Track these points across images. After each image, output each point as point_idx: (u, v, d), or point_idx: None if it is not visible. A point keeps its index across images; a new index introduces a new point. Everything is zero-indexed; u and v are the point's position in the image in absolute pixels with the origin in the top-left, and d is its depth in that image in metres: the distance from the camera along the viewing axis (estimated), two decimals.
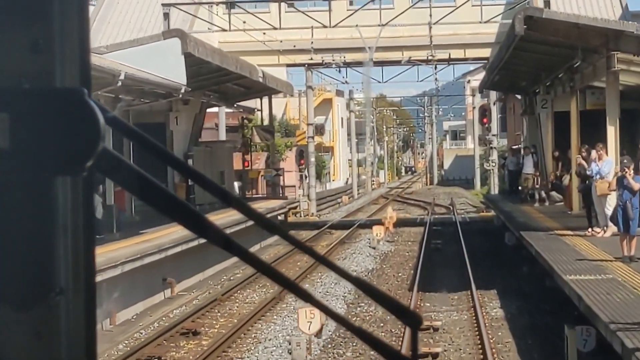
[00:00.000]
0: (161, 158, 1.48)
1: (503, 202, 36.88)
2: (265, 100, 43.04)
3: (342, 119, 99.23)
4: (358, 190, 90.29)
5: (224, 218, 29.54)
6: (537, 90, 35.62)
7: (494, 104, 49.82)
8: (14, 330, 1.37)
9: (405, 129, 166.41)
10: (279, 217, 43.98)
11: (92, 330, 1.41)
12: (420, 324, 1.59)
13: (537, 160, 35.48)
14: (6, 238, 1.36)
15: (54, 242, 1.37)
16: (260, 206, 38.42)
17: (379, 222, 41.00)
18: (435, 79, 53.20)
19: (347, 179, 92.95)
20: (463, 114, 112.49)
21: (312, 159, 56.15)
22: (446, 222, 46.14)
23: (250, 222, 1.81)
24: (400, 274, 27.37)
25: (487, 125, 52.47)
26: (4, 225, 1.36)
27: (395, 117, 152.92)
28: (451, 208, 58.10)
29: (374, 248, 34.03)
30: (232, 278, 27.79)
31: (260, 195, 48.62)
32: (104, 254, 20.03)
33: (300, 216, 51.66)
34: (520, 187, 41.16)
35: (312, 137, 56.39)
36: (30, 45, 1.35)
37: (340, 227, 44.77)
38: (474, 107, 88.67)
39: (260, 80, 34.61)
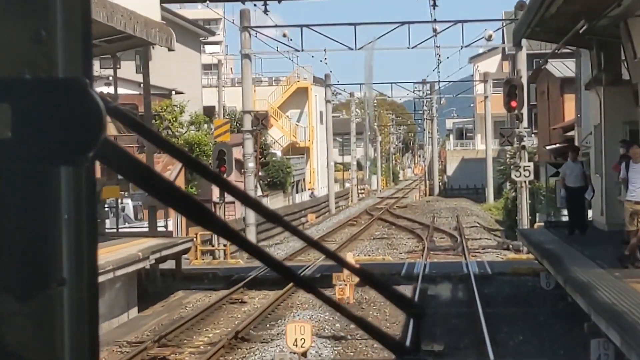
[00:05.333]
0: (162, 147, 1.48)
1: (573, 260, 17.35)
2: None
3: (320, 113, 79.55)
4: (337, 202, 70.93)
5: None
6: None
7: (544, 63, 28.44)
8: (15, 320, 1.36)
9: (403, 129, 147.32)
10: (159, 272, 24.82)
11: (94, 321, 1.40)
12: (423, 315, 1.61)
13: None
14: (8, 228, 1.35)
15: (56, 233, 1.36)
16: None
17: (330, 278, 22.16)
18: (434, 30, 33.43)
19: (312, 190, 72.74)
20: (472, 104, 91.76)
21: (251, 164, 37.27)
22: (452, 274, 26.77)
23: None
24: None
25: (515, 111, 33.02)
26: (6, 215, 1.35)
27: (392, 114, 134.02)
28: (459, 239, 38.62)
29: None
30: None
31: (126, 229, 29.02)
32: None
33: (217, 257, 32.26)
34: (576, 220, 22.10)
35: (252, 132, 37.54)
36: (32, 35, 1.34)
37: (266, 285, 25.73)
38: (485, 97, 69.26)
39: None
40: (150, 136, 1.49)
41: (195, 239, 31.14)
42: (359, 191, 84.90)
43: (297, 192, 68.63)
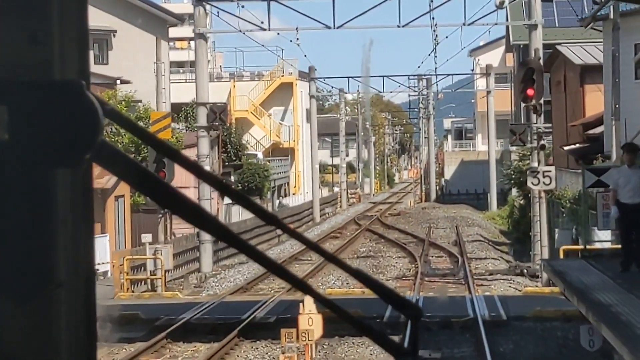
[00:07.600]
0: (158, 150, 1.48)
1: None
2: None
3: (307, 110, 72.61)
4: (323, 209, 64.11)
5: None
6: None
7: (599, 9, 20.32)
8: (12, 322, 1.35)
9: (400, 129, 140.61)
10: None
11: (91, 322, 1.39)
12: (420, 316, 1.59)
13: None
14: (5, 230, 1.34)
15: (53, 235, 1.35)
16: None
17: (291, 320, 15.36)
18: (430, 2, 26.24)
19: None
20: (472, 100, 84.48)
21: (207, 168, 30.33)
22: (455, 319, 19.90)
23: None
24: None
25: (532, 101, 26.18)
26: (3, 218, 1.34)
27: (387, 113, 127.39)
28: (459, 259, 31.75)
29: None
30: None
31: None
32: None
33: (154, 287, 25.31)
34: (632, 250, 15.34)
35: (208, 129, 31.28)
36: (28, 37, 1.34)
37: (199, 334, 19.11)
38: (488, 92, 62.39)
39: None
40: (146, 138, 1.46)
41: (122, 265, 24.34)
42: (349, 196, 78.04)
43: (277, 198, 61.71)
